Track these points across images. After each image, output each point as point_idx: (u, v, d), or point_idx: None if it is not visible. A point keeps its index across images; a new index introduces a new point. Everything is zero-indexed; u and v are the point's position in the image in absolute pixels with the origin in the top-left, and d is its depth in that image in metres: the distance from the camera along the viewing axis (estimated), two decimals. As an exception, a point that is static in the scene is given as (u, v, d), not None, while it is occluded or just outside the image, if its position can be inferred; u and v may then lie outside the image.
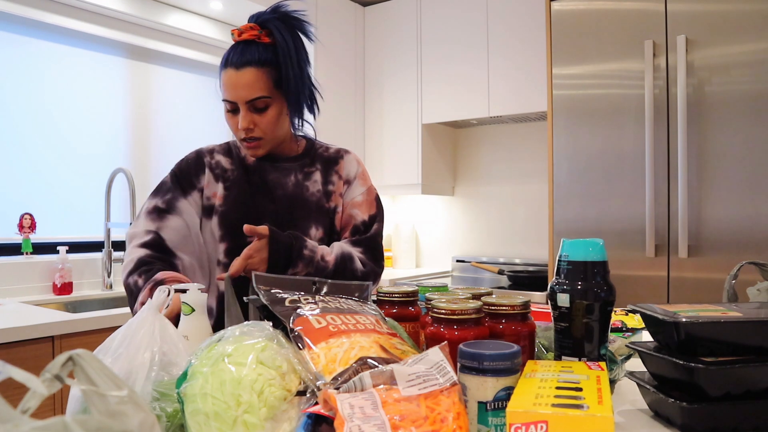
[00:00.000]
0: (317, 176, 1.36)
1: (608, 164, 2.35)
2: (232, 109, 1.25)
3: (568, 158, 2.45)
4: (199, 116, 3.09)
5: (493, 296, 0.87)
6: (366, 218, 1.36)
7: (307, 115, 1.39)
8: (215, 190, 1.31)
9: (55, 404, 1.69)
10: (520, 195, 3.39)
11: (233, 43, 1.27)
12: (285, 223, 1.30)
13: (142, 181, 2.81)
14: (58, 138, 2.53)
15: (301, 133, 1.44)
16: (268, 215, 1.29)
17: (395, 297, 0.93)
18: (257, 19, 1.26)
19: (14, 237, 2.35)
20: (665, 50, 2.22)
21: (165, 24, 2.83)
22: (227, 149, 1.37)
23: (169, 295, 0.81)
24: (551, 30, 2.49)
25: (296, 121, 1.35)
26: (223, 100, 1.25)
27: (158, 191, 1.31)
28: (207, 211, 1.30)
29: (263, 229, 1.16)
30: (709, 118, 2.14)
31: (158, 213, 1.27)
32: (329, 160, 1.40)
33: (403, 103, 3.43)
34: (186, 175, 1.32)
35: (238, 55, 1.22)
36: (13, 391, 1.56)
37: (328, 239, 1.33)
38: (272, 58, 1.24)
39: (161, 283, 1.12)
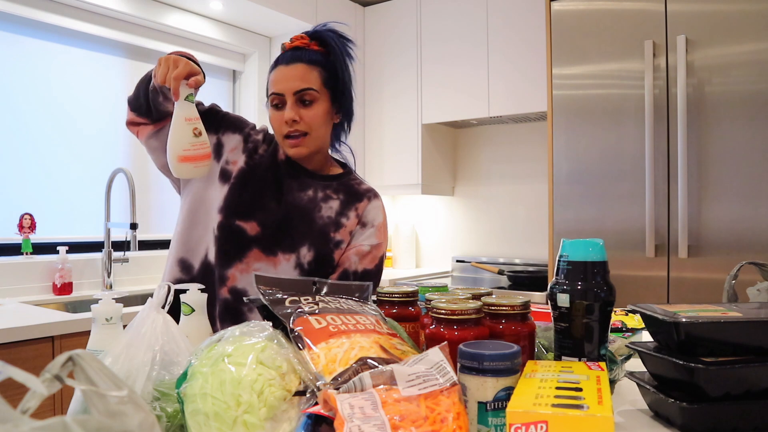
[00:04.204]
0: (335, 204, 1.31)
1: (608, 164, 2.35)
2: (278, 104, 1.24)
3: (568, 158, 2.44)
4: (199, 116, 3.08)
5: (493, 296, 0.87)
6: (359, 270, 1.29)
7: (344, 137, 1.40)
8: (237, 159, 1.28)
9: (55, 404, 1.69)
10: (520, 195, 3.39)
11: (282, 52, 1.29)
12: (281, 227, 1.26)
13: (142, 181, 2.81)
14: (58, 138, 2.53)
15: (342, 159, 1.42)
16: (267, 212, 1.25)
17: (395, 297, 0.92)
18: (308, 33, 1.29)
19: (14, 237, 2.35)
20: (665, 50, 2.22)
21: (165, 24, 2.83)
22: (266, 137, 1.34)
23: (169, 291, 0.81)
24: (551, 30, 2.49)
25: (341, 135, 1.36)
26: (271, 94, 1.24)
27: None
28: (223, 175, 1.27)
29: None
30: (709, 118, 2.14)
31: None
32: (354, 195, 1.34)
33: (403, 103, 3.43)
34: (234, 118, 1.34)
35: (288, 56, 1.25)
36: (13, 391, 1.56)
37: (316, 265, 1.27)
38: (322, 61, 1.25)
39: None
